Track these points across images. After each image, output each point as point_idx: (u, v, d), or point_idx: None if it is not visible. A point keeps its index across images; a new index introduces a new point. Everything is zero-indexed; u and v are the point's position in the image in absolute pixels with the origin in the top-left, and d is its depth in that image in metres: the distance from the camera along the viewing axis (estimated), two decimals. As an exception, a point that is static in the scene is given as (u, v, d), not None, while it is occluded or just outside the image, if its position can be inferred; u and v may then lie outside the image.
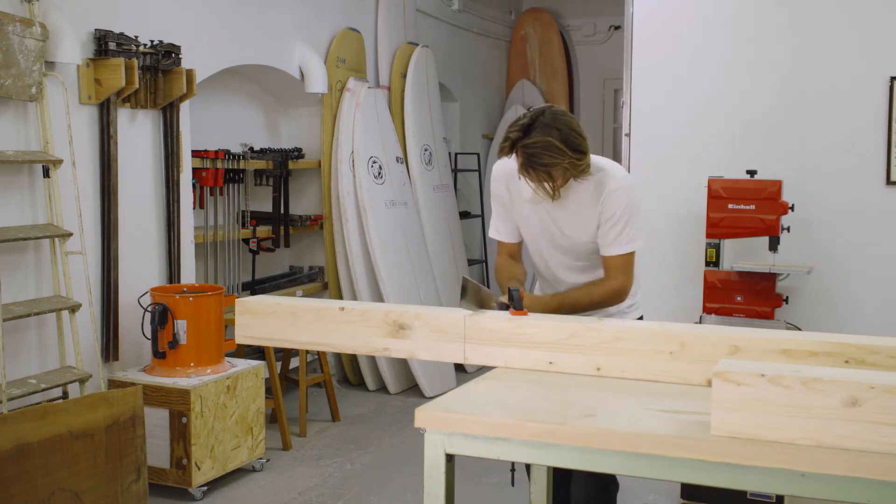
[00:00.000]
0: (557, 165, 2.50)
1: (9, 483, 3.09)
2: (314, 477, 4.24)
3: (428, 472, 1.94)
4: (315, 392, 5.60)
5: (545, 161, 2.49)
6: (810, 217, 4.32)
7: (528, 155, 2.50)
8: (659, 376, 2.15)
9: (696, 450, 1.72)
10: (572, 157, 2.50)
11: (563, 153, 2.48)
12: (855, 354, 1.98)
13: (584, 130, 2.56)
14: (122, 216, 4.10)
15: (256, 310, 2.54)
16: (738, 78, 4.48)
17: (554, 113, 2.54)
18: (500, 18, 8.39)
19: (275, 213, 5.36)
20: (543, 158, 2.49)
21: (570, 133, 2.50)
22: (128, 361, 4.16)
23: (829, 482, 1.65)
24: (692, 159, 4.53)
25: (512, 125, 2.56)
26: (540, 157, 2.49)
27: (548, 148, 2.47)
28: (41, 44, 3.63)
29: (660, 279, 4.50)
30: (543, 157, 2.48)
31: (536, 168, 2.51)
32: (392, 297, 5.50)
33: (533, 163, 2.51)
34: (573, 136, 2.51)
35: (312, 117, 5.71)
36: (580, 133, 2.54)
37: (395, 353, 2.40)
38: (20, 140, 3.70)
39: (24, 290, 3.72)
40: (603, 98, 8.73)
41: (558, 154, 2.48)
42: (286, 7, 5.28)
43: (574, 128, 2.53)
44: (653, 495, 3.96)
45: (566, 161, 2.49)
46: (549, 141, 2.47)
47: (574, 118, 2.57)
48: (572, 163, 2.50)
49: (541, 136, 2.48)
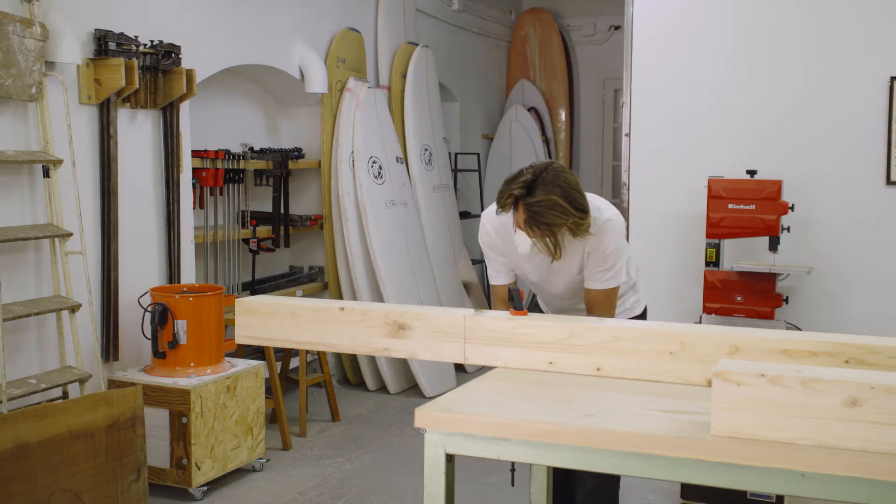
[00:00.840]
0: (562, 225, 2.54)
1: (9, 483, 3.09)
2: (314, 477, 4.24)
3: (428, 472, 1.94)
4: (315, 392, 5.60)
5: (549, 220, 2.52)
6: (810, 217, 4.32)
7: (533, 213, 2.52)
8: (659, 376, 2.15)
9: (696, 450, 1.72)
10: (576, 216, 2.54)
11: (567, 213, 2.52)
12: (855, 354, 1.98)
13: (583, 189, 2.60)
14: (122, 216, 4.10)
15: (256, 310, 2.54)
16: (738, 78, 4.49)
17: (556, 171, 2.56)
18: (500, 18, 8.39)
19: (275, 213, 5.36)
20: (547, 217, 2.51)
21: (572, 192, 2.54)
22: (128, 361, 4.17)
23: (829, 482, 1.65)
24: (692, 159, 4.53)
25: (513, 181, 2.57)
26: (544, 215, 2.51)
27: (553, 207, 2.50)
28: (41, 44, 3.63)
29: (660, 279, 4.50)
30: (547, 215, 2.51)
31: (540, 225, 2.54)
32: (392, 297, 5.50)
33: (537, 221, 2.53)
34: (575, 195, 2.54)
35: (312, 117, 5.71)
36: (581, 192, 2.57)
37: (395, 353, 2.40)
38: (20, 140, 3.70)
39: (24, 290, 3.72)
40: (603, 98, 8.73)
41: (562, 213, 2.51)
42: (286, 7, 5.28)
43: (575, 186, 2.56)
44: (653, 495, 3.96)
45: (570, 221, 2.53)
46: (554, 200, 2.50)
47: (575, 175, 2.61)
48: (576, 222, 2.55)
49: (544, 195, 2.50)
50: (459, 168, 7.62)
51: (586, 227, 2.59)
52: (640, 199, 4.63)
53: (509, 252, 2.83)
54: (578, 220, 2.54)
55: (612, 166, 8.64)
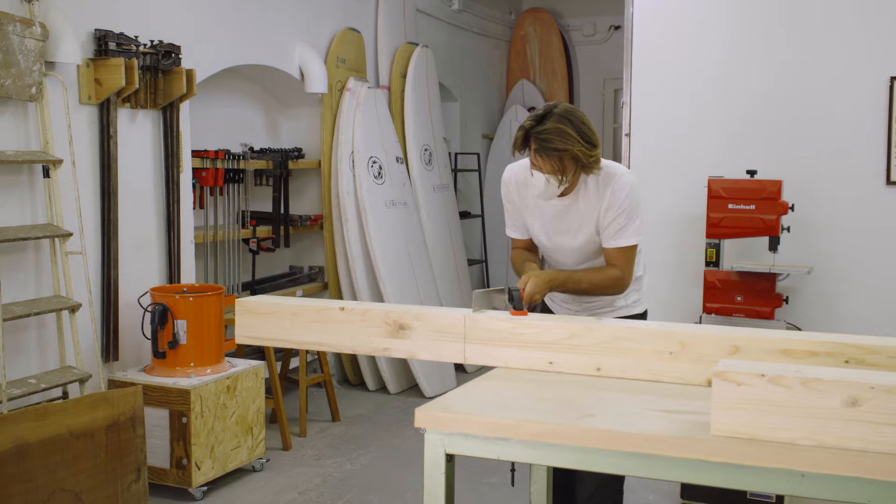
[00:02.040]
0: (568, 151, 2.57)
1: (9, 483, 3.09)
2: (314, 477, 4.24)
3: (428, 472, 1.94)
4: (315, 392, 5.60)
5: (557, 146, 2.57)
6: (810, 217, 4.32)
7: (542, 140, 2.58)
8: (659, 376, 2.15)
9: (696, 450, 1.72)
10: (583, 145, 2.59)
11: (574, 140, 2.57)
12: (855, 354, 1.98)
13: (594, 126, 2.66)
14: (122, 216, 4.10)
15: (256, 310, 2.54)
16: (738, 78, 4.48)
17: (566, 107, 2.64)
18: (500, 18, 8.38)
19: (275, 213, 5.36)
20: (556, 143, 2.57)
21: (581, 125, 2.61)
22: (128, 361, 4.17)
23: (829, 482, 1.65)
24: (692, 159, 4.53)
25: (525, 119, 2.65)
26: (553, 141, 2.57)
27: (560, 134, 2.56)
28: (41, 44, 3.63)
29: (660, 279, 4.49)
30: (556, 141, 2.56)
31: (549, 152, 2.59)
32: (392, 297, 5.50)
33: (546, 147, 2.58)
34: (584, 128, 2.61)
35: (312, 117, 5.71)
36: (591, 127, 2.64)
37: (395, 353, 2.41)
38: (20, 140, 3.70)
39: (24, 290, 3.72)
40: (603, 98, 8.73)
41: (570, 140, 2.56)
42: (286, 7, 5.28)
43: (585, 122, 2.63)
44: (653, 495, 3.96)
45: (577, 148, 2.57)
46: (562, 128, 2.57)
47: (585, 115, 2.68)
48: (583, 151, 2.59)
49: (553, 124, 2.58)
50: (459, 168, 7.62)
51: (595, 159, 2.63)
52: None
53: (526, 206, 2.87)
54: (586, 150, 2.59)
55: (611, 166, 8.62)
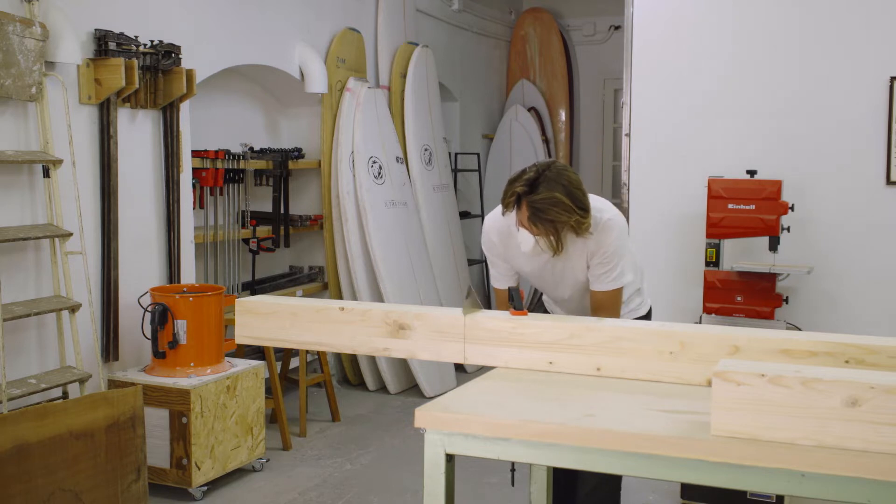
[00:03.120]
0: (564, 223, 2.57)
1: (9, 483, 3.09)
2: (314, 477, 4.24)
3: (428, 472, 1.94)
4: (315, 392, 5.60)
5: (552, 217, 2.55)
6: (810, 217, 4.32)
7: (536, 210, 2.55)
8: (659, 376, 2.15)
9: (696, 450, 1.72)
10: (578, 214, 2.57)
11: (569, 210, 2.55)
12: (855, 354, 1.98)
13: (584, 188, 2.63)
14: (122, 216, 4.10)
15: (256, 310, 2.54)
16: (738, 78, 4.48)
17: (558, 169, 2.60)
18: (500, 18, 8.38)
19: (275, 213, 5.36)
20: (550, 214, 2.54)
21: (574, 190, 2.57)
22: (128, 361, 4.16)
23: (829, 482, 1.65)
24: (692, 159, 4.53)
25: (516, 179, 2.60)
26: (547, 212, 2.54)
27: (555, 204, 2.54)
28: (41, 44, 3.63)
29: (660, 279, 4.49)
30: (550, 212, 2.54)
31: (544, 222, 2.56)
32: (392, 297, 5.50)
33: (540, 217, 2.55)
34: (577, 193, 2.58)
35: (312, 117, 5.71)
36: (583, 190, 2.61)
37: (395, 353, 2.40)
38: (20, 140, 3.70)
39: (24, 290, 3.72)
40: (603, 98, 8.73)
41: (564, 211, 2.55)
42: (286, 7, 5.28)
43: (577, 185, 2.59)
44: (653, 495, 3.96)
45: (573, 219, 2.56)
46: (557, 197, 2.53)
47: (576, 174, 2.64)
48: (578, 220, 2.58)
49: (548, 192, 2.53)
50: (459, 168, 7.62)
51: (587, 225, 2.61)
52: (640, 199, 4.63)
53: (513, 256, 2.83)
54: (580, 218, 2.57)
55: (612, 166, 8.64)
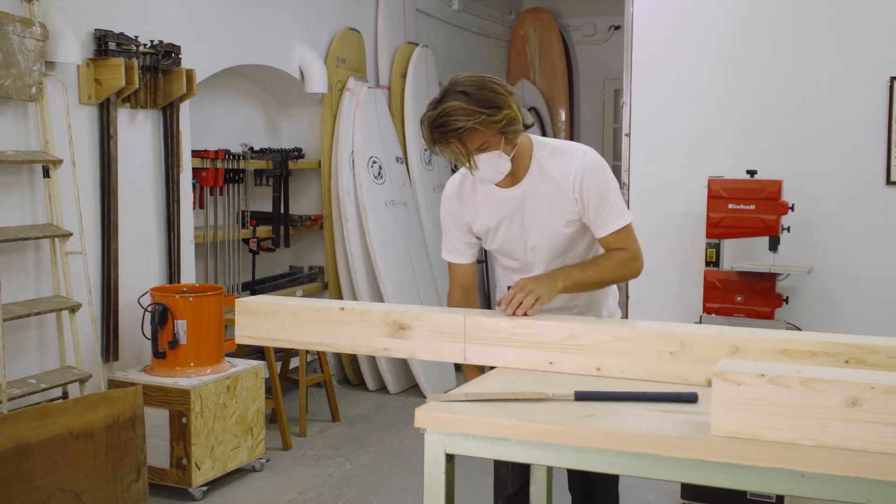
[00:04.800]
0: (464, 128, 2.23)
1: (9, 483, 3.09)
2: (314, 477, 4.24)
3: (428, 472, 1.93)
4: (315, 392, 5.60)
5: (454, 125, 2.23)
6: (810, 217, 4.32)
7: (438, 126, 2.25)
8: (659, 376, 2.15)
9: (696, 450, 1.72)
10: (485, 112, 2.23)
11: (469, 113, 2.22)
12: (855, 354, 1.98)
13: (506, 86, 2.30)
14: (122, 216, 4.10)
15: (256, 310, 2.54)
16: (738, 78, 4.48)
17: (467, 77, 2.30)
18: (500, 18, 8.38)
19: (275, 213, 5.36)
20: (451, 124, 2.23)
21: (480, 91, 2.25)
22: (128, 361, 4.16)
23: (829, 482, 1.64)
24: (692, 159, 4.53)
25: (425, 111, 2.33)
26: (448, 123, 2.23)
27: (455, 111, 2.22)
28: (41, 44, 3.63)
29: (660, 279, 4.50)
30: (451, 122, 2.23)
31: (448, 137, 2.26)
32: (392, 297, 5.50)
33: (443, 132, 2.25)
34: (485, 93, 2.25)
35: (312, 117, 5.71)
36: (496, 90, 2.27)
37: (395, 353, 2.40)
38: (20, 140, 3.70)
39: (24, 290, 3.72)
40: (603, 98, 8.73)
41: (465, 115, 2.22)
42: (286, 7, 5.28)
43: (487, 85, 2.27)
44: (653, 495, 3.95)
45: (476, 120, 2.22)
46: (456, 104, 2.23)
47: (493, 77, 2.32)
48: (485, 120, 2.24)
49: (448, 104, 2.24)
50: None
51: (505, 122, 2.27)
52: (640, 199, 4.63)
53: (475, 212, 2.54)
54: (488, 117, 2.23)
55: (612, 166, 8.62)
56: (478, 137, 2.28)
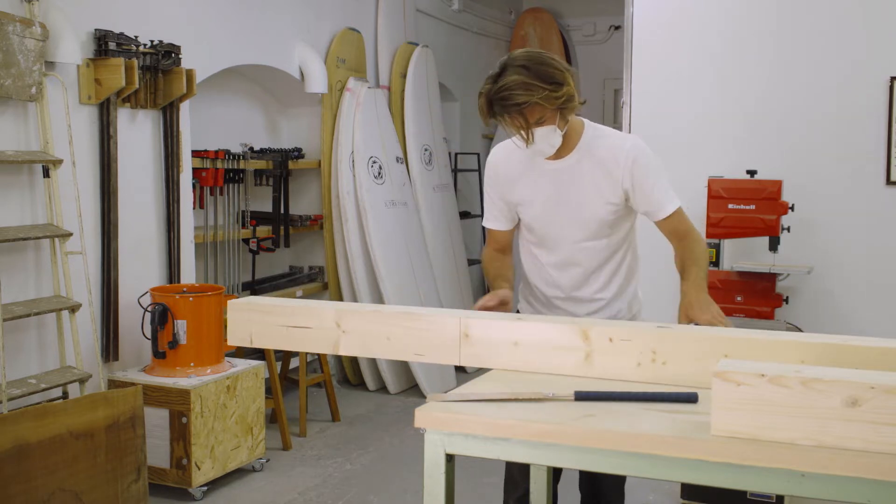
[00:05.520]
0: (528, 102, 2.29)
1: (9, 483, 3.09)
2: (314, 477, 4.24)
3: (428, 472, 1.93)
4: (315, 392, 5.60)
5: (516, 100, 2.28)
6: (810, 217, 4.32)
7: (499, 99, 2.30)
8: (657, 377, 2.15)
9: (696, 450, 1.72)
10: (547, 88, 2.28)
11: (534, 87, 2.27)
12: (854, 355, 1.98)
13: (563, 64, 2.35)
14: (122, 216, 4.10)
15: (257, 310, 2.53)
16: (738, 78, 4.49)
17: (525, 53, 2.35)
18: (500, 18, 8.38)
19: (275, 213, 5.36)
20: (514, 98, 2.28)
21: (541, 67, 2.30)
22: (128, 361, 4.16)
23: (829, 482, 1.64)
24: (692, 159, 4.53)
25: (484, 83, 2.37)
26: (510, 98, 2.29)
27: (515, 86, 2.27)
28: (41, 44, 3.63)
29: (660, 279, 4.48)
30: (513, 97, 2.28)
31: (510, 111, 2.31)
32: (392, 297, 5.50)
33: (504, 106, 2.30)
34: (545, 69, 2.31)
35: (312, 117, 5.71)
36: (555, 66, 2.33)
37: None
38: (20, 140, 3.70)
39: (24, 290, 3.72)
40: (603, 98, 8.73)
41: (527, 90, 2.27)
42: (286, 7, 5.28)
43: (546, 61, 2.32)
44: (653, 495, 3.96)
45: (539, 95, 2.28)
46: (515, 79, 2.28)
47: (551, 54, 2.38)
48: (547, 96, 2.29)
49: (509, 78, 2.29)
50: (459, 168, 7.62)
51: (565, 97, 2.33)
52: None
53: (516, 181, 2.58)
54: (550, 93, 2.29)
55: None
56: (537, 111, 2.33)
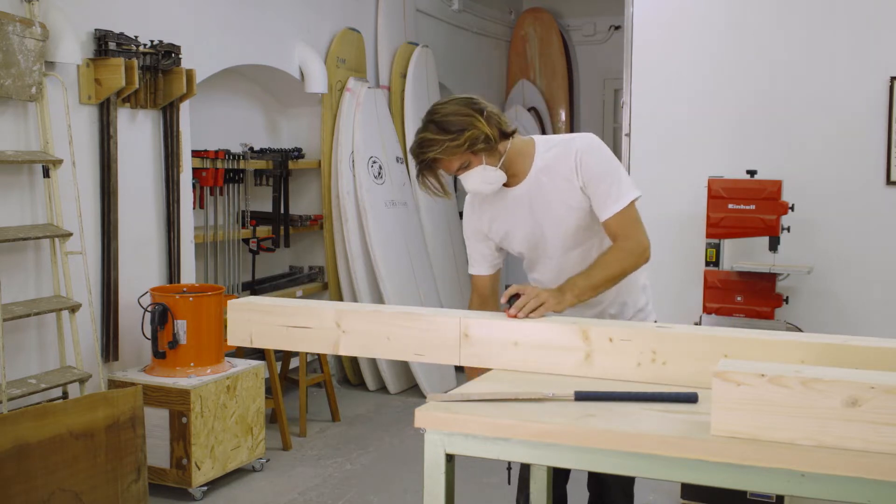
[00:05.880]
0: (431, 158, 2.30)
1: (9, 483, 3.09)
2: (314, 477, 4.24)
3: (428, 472, 1.93)
4: (315, 392, 5.60)
5: (425, 157, 2.31)
6: (810, 217, 4.32)
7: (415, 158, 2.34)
8: (658, 377, 2.15)
9: (696, 450, 1.72)
10: (447, 139, 2.27)
11: (434, 143, 2.28)
12: (855, 355, 1.98)
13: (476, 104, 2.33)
14: (122, 216, 4.10)
15: (258, 310, 2.54)
16: (738, 78, 4.49)
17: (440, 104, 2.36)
18: (500, 18, 8.38)
19: (275, 213, 5.36)
20: (422, 156, 2.31)
21: (445, 118, 2.30)
22: (128, 361, 4.16)
23: (829, 482, 1.65)
24: (692, 159, 4.53)
25: None
26: (420, 155, 2.31)
27: (421, 145, 2.30)
28: (41, 44, 3.63)
29: (660, 279, 4.49)
30: (421, 154, 2.31)
31: (426, 169, 2.34)
32: (392, 297, 5.50)
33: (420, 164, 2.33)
34: (449, 118, 2.30)
35: (312, 117, 5.71)
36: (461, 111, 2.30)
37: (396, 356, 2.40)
38: (20, 140, 3.70)
39: (24, 290, 3.72)
40: (603, 98, 8.73)
41: (430, 146, 2.29)
42: (286, 7, 5.28)
43: (451, 111, 2.30)
44: (653, 495, 3.96)
45: (439, 150, 2.28)
46: (425, 136, 2.30)
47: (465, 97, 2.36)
48: (447, 148, 2.28)
49: (419, 135, 2.32)
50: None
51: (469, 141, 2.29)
52: (640, 199, 4.62)
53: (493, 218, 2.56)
54: (450, 143, 2.27)
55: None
56: (453, 162, 2.34)
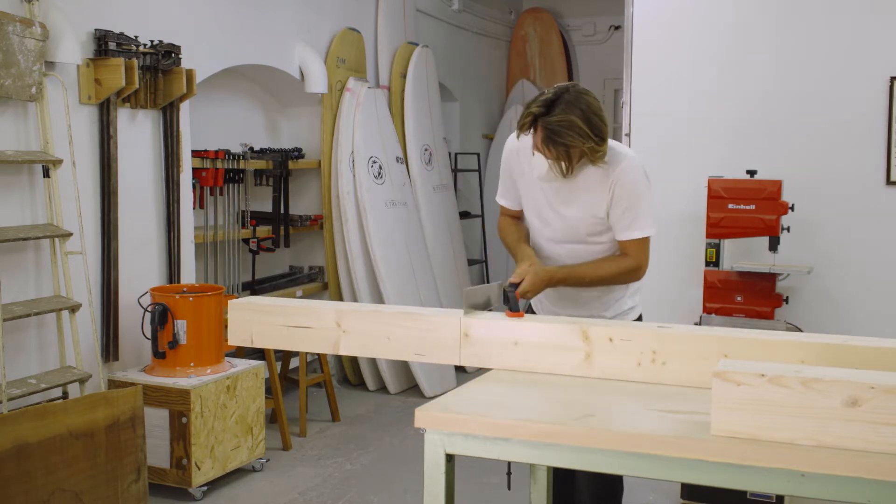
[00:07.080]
0: (577, 147, 2.46)
1: (9, 483, 3.09)
2: (314, 477, 4.24)
3: (428, 472, 1.93)
4: (315, 392, 5.60)
5: (566, 140, 2.45)
6: (810, 217, 4.32)
7: (550, 132, 2.46)
8: (659, 377, 2.15)
9: (696, 450, 1.72)
10: (593, 140, 2.46)
11: (584, 135, 2.45)
12: (855, 355, 1.98)
13: (605, 115, 2.52)
14: (122, 216, 4.10)
15: (258, 310, 2.54)
16: (738, 78, 4.48)
17: (578, 91, 2.49)
18: (500, 18, 8.38)
19: (275, 213, 5.36)
20: (564, 137, 2.45)
21: (592, 115, 2.46)
22: (128, 361, 4.16)
23: (829, 482, 1.65)
24: (692, 159, 4.53)
25: (533, 100, 2.51)
26: (561, 135, 2.44)
27: (570, 127, 2.44)
28: (41, 44, 3.63)
29: (660, 279, 4.49)
30: (565, 135, 2.44)
31: (557, 145, 2.47)
32: (392, 297, 5.50)
33: (553, 140, 2.46)
34: (595, 119, 2.47)
35: (312, 117, 5.71)
36: (601, 117, 2.49)
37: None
38: (20, 140, 3.70)
39: (24, 290, 3.72)
40: (603, 98, 8.71)
41: (579, 136, 2.44)
42: (286, 7, 5.28)
43: (596, 111, 2.48)
44: (653, 495, 3.96)
45: (587, 145, 2.46)
46: (572, 120, 2.43)
47: (598, 100, 2.53)
48: (592, 148, 2.47)
49: (563, 115, 2.44)
50: (459, 168, 7.62)
51: (602, 153, 2.51)
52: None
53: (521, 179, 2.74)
54: (595, 146, 2.47)
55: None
56: (577, 155, 2.50)
